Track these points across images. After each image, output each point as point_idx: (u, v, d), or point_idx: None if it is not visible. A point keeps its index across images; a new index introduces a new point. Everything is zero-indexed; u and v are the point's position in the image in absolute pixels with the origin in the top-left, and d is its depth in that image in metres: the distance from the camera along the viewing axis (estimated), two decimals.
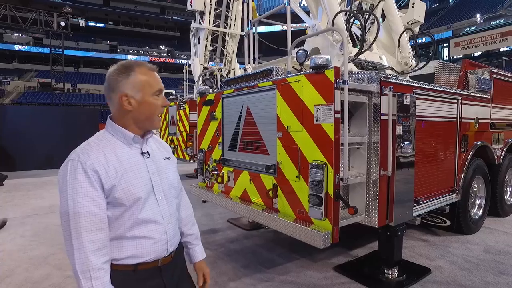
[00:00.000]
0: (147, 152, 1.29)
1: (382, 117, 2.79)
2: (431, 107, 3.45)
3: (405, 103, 2.94)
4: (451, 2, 46.82)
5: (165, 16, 55.60)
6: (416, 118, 3.15)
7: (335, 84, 2.40)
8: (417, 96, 3.20)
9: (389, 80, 2.86)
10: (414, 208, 3.18)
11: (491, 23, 33.75)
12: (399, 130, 2.87)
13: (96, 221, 1.10)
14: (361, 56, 4.05)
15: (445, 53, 42.71)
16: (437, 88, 3.49)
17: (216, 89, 4.20)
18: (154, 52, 52.42)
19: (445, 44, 41.62)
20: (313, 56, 2.50)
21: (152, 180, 1.25)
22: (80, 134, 11.27)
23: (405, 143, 2.94)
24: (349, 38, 3.55)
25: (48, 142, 11.50)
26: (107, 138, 1.24)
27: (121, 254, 1.18)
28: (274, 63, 4.10)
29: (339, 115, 2.43)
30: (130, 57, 50.01)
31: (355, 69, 3.78)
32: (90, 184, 1.10)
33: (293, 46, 3.06)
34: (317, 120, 2.55)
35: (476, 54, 39.17)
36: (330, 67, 2.43)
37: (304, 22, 4.54)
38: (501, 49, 36.00)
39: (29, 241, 4.28)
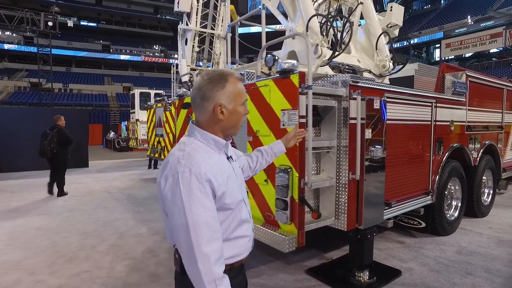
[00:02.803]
0: (231, 156, 1.33)
1: (351, 121, 2.82)
2: (403, 111, 3.48)
3: (374, 107, 2.97)
4: (442, 3, 47.33)
5: (158, 16, 55.26)
6: (388, 121, 3.19)
7: (299, 89, 2.42)
8: (389, 99, 3.23)
9: (358, 84, 2.88)
10: (385, 211, 3.21)
11: (481, 25, 34.19)
12: (368, 134, 2.89)
13: (214, 231, 1.11)
14: (339, 59, 4.08)
15: (437, 53, 43.21)
16: (409, 92, 3.52)
17: None
18: (147, 52, 52.09)
19: (437, 45, 42.11)
20: (280, 60, 2.52)
21: (239, 182, 1.32)
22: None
23: (375, 146, 2.97)
24: (323, 42, 3.57)
25: (36, 143, 11.35)
26: (200, 146, 1.23)
27: (226, 255, 1.19)
28: (246, 67, 4.11)
29: (304, 120, 2.45)
30: (123, 57, 49.74)
31: (330, 72, 3.81)
32: (205, 195, 1.11)
33: (262, 50, 3.07)
34: (283, 125, 2.57)
35: (467, 55, 39.67)
36: (295, 72, 2.45)
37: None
38: (492, 50, 36.50)
39: (4, 245, 4.23)
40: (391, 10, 4.59)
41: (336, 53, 3.48)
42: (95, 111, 35.17)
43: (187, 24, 9.24)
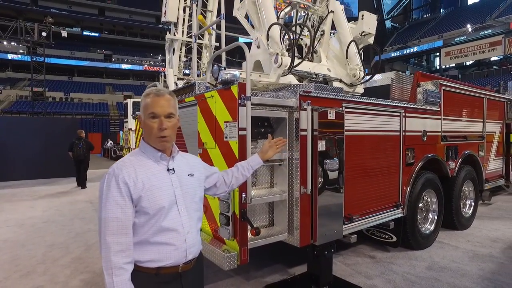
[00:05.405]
0: (173, 168, 1.44)
1: (302, 133, 2.72)
2: (366, 121, 3.38)
3: (329, 117, 2.87)
4: (442, 12, 47.48)
5: (160, 25, 55.93)
6: (347, 132, 3.08)
7: (239, 100, 2.33)
8: (347, 110, 3.14)
9: (310, 94, 2.79)
10: (345, 226, 3.08)
11: (480, 33, 34.13)
12: (321, 146, 2.79)
13: (122, 226, 1.27)
14: (306, 68, 4.01)
15: (437, 62, 43.16)
16: (371, 102, 3.41)
17: None
18: (149, 61, 52.61)
19: (437, 53, 42.08)
20: (221, 71, 2.44)
21: (175, 194, 1.40)
22: (59, 145, 11.24)
23: (331, 159, 2.86)
24: (284, 51, 3.49)
25: (26, 152, 11.39)
26: (139, 155, 1.42)
27: (145, 257, 1.34)
28: (204, 78, 4.05)
29: (244, 132, 2.36)
30: (124, 66, 50.24)
31: (295, 81, 3.73)
32: (120, 194, 1.28)
33: (211, 60, 3.00)
34: (226, 137, 2.48)
35: (468, 63, 39.55)
36: (235, 82, 2.37)
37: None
38: (492, 58, 36.37)
39: None
40: (362, 18, 4.51)
41: (296, 62, 3.39)
42: (95, 120, 35.29)
43: (174, 34, 9.25)
